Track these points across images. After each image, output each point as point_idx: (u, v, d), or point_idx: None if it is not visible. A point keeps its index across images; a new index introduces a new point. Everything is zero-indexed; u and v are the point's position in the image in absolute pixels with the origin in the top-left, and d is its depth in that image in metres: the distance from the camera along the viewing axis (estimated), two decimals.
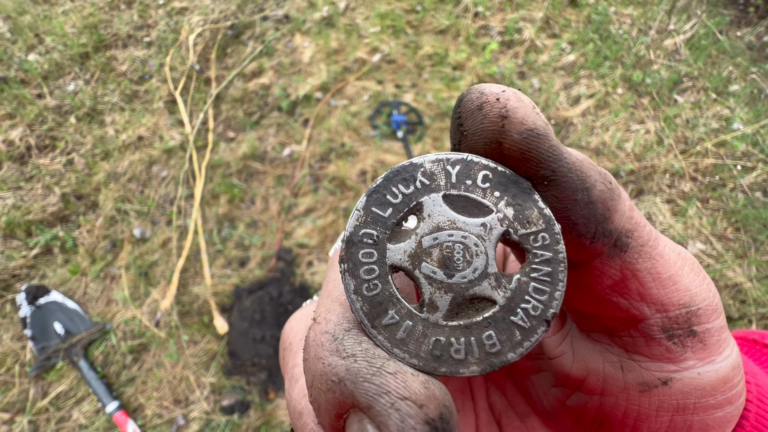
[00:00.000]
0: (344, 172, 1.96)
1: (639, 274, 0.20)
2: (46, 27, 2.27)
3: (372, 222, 0.19)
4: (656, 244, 0.21)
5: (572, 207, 0.19)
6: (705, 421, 0.21)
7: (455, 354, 0.18)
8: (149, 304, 1.68)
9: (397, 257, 0.18)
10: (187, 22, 2.35)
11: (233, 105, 2.14)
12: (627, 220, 0.20)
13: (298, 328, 0.26)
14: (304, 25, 2.36)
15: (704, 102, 2.20)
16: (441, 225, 0.19)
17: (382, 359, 0.16)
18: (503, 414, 0.28)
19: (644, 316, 0.21)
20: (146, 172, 1.95)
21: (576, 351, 0.24)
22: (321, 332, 0.18)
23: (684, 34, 2.42)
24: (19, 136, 1.96)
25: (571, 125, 2.16)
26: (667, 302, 0.20)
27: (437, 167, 0.19)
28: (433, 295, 0.18)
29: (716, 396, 0.21)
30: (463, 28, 2.39)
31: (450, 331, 0.18)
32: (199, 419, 1.52)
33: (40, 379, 1.54)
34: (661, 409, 0.21)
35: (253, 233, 1.84)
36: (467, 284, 0.18)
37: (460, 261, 0.18)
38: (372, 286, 0.18)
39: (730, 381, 0.21)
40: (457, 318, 0.18)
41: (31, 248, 1.73)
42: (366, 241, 0.18)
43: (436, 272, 0.18)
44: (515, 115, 0.18)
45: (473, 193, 0.19)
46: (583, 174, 0.19)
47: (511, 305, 0.18)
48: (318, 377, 0.17)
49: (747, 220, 1.90)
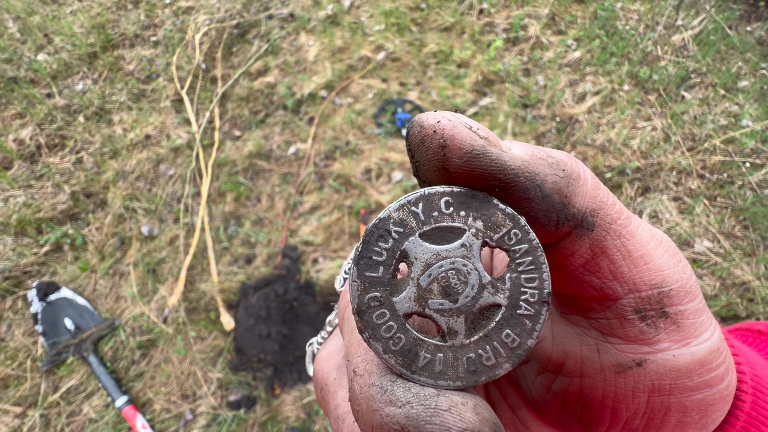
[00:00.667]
0: (349, 170, 1.96)
1: (608, 252, 0.21)
2: (54, 27, 2.30)
3: (371, 286, 0.20)
4: (627, 223, 0.22)
5: (528, 205, 0.20)
6: (683, 402, 0.21)
7: (487, 362, 0.20)
8: (157, 301, 1.70)
9: (406, 306, 0.20)
10: (193, 22, 2.37)
11: (239, 103, 2.15)
12: (590, 200, 0.21)
13: (328, 368, 0.28)
14: (309, 24, 2.37)
15: (712, 98, 2.18)
16: (429, 261, 0.20)
17: (434, 398, 0.18)
18: (497, 406, 0.29)
19: (617, 296, 0.21)
20: (154, 171, 1.97)
21: (555, 335, 0.25)
22: (367, 385, 0.20)
23: (692, 29, 2.39)
24: (30, 135, 2.00)
25: (576, 122, 2.14)
26: (639, 281, 0.21)
27: (404, 213, 0.21)
28: (449, 323, 0.20)
29: (693, 378, 0.21)
30: (467, 26, 2.38)
31: (475, 346, 0.20)
32: (207, 414, 1.54)
33: (51, 374, 1.57)
34: (636, 390, 0.22)
35: (259, 231, 1.85)
36: (472, 301, 0.20)
37: (458, 285, 0.20)
38: (396, 340, 0.20)
39: (708, 364, 0.21)
40: (476, 332, 0.20)
41: (42, 245, 1.76)
42: (374, 305, 0.20)
43: (443, 303, 0.20)
44: (453, 143, 0.19)
45: (443, 221, 0.21)
46: (531, 174, 0.20)
47: (513, 302, 0.20)
48: (378, 428, 0.18)
49: (755, 217, 1.88)
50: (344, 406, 0.24)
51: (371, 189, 1.92)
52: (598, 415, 0.23)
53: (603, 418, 0.23)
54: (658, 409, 0.22)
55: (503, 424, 0.29)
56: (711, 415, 0.22)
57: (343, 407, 0.24)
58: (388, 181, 1.96)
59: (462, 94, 2.18)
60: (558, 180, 0.20)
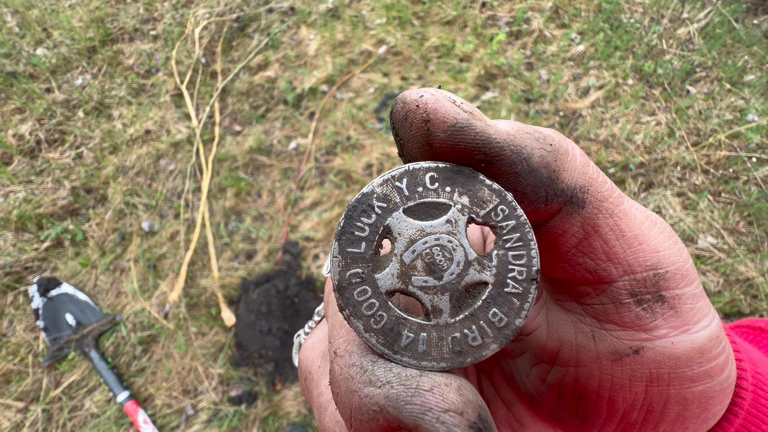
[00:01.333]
0: (350, 165, 1.95)
1: (601, 231, 0.20)
2: (53, 21, 2.29)
3: (352, 262, 0.20)
4: (619, 202, 0.21)
5: (515, 179, 0.20)
6: (682, 394, 0.20)
7: (473, 342, 0.19)
8: (158, 297, 1.70)
9: (389, 282, 0.20)
10: (192, 15, 2.35)
11: (239, 98, 2.14)
12: (580, 176, 0.20)
13: (313, 356, 0.27)
14: (309, 17, 2.34)
15: (718, 92, 2.15)
16: (413, 237, 0.20)
17: (416, 378, 0.17)
18: (491, 402, 0.28)
19: (611, 278, 0.21)
20: (154, 166, 1.96)
21: (550, 323, 0.25)
22: (347, 365, 0.19)
23: (698, 22, 2.36)
24: (29, 131, 1.99)
25: (580, 117, 2.12)
26: (634, 263, 0.20)
27: (387, 188, 0.20)
28: (433, 301, 0.20)
29: (692, 367, 0.20)
30: (470, 19, 2.35)
31: (460, 325, 0.19)
32: (208, 409, 1.55)
33: (53, 369, 1.58)
34: (634, 379, 0.21)
35: (259, 226, 1.84)
36: (457, 278, 0.20)
37: (442, 261, 0.20)
38: (378, 318, 0.19)
39: (708, 353, 0.20)
40: (462, 311, 0.20)
41: (43, 241, 1.76)
42: (355, 282, 0.20)
43: (427, 280, 0.20)
44: (436, 116, 0.19)
45: (428, 197, 0.20)
46: (517, 147, 0.19)
47: (500, 279, 0.20)
48: (357, 409, 0.18)
49: (760, 213, 1.86)
50: (327, 394, 0.23)
51: None
52: (594, 406, 0.22)
53: (599, 410, 0.22)
54: (657, 400, 0.21)
55: (497, 421, 0.28)
56: (711, 408, 0.21)
57: (326, 395, 0.23)
58: None
59: (464, 89, 2.16)
60: (545, 154, 0.20)
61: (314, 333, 0.30)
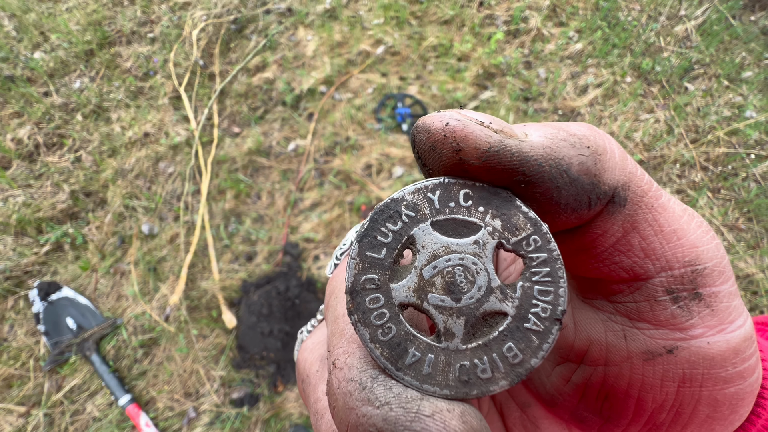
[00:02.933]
0: (349, 165, 1.95)
1: (640, 227, 0.20)
2: (50, 25, 2.28)
3: (370, 267, 0.19)
4: (658, 195, 0.20)
5: (557, 194, 0.19)
6: (714, 396, 0.20)
7: (482, 374, 0.18)
8: (158, 299, 1.70)
9: (403, 295, 0.19)
10: (190, 17, 2.35)
11: (237, 100, 2.14)
12: (620, 173, 0.20)
13: (312, 359, 0.26)
14: (307, 18, 2.34)
15: (716, 89, 2.15)
16: (437, 253, 0.19)
17: (417, 401, 0.17)
18: (504, 405, 0.28)
19: (648, 275, 0.20)
20: (153, 169, 1.96)
21: (577, 322, 0.24)
22: (346, 380, 0.18)
23: (695, 19, 2.36)
24: (28, 135, 1.98)
25: (578, 115, 2.12)
26: (672, 258, 0.19)
27: (418, 197, 0.19)
28: (447, 323, 0.19)
29: (727, 368, 0.19)
30: (468, 18, 2.35)
31: (471, 354, 0.18)
32: (210, 412, 1.55)
33: (54, 373, 1.57)
34: (666, 379, 0.20)
35: (259, 228, 1.84)
36: (476, 304, 0.19)
37: (463, 283, 0.19)
38: (386, 330, 0.18)
39: (743, 353, 0.19)
40: (475, 339, 0.19)
41: (42, 245, 1.76)
42: (369, 287, 0.19)
43: (444, 300, 0.19)
44: (467, 144, 0.18)
45: (459, 213, 0.19)
46: (555, 160, 0.18)
47: (521, 313, 0.18)
48: (354, 428, 0.17)
49: (759, 209, 1.86)
50: (324, 401, 0.23)
51: (372, 185, 1.91)
52: (621, 406, 0.22)
53: (626, 410, 0.21)
54: (688, 402, 0.20)
55: (511, 424, 0.27)
56: (740, 410, 0.20)
57: (323, 402, 0.23)
58: (389, 176, 1.95)
59: (462, 88, 2.16)
60: (584, 159, 0.18)
61: (314, 333, 0.29)
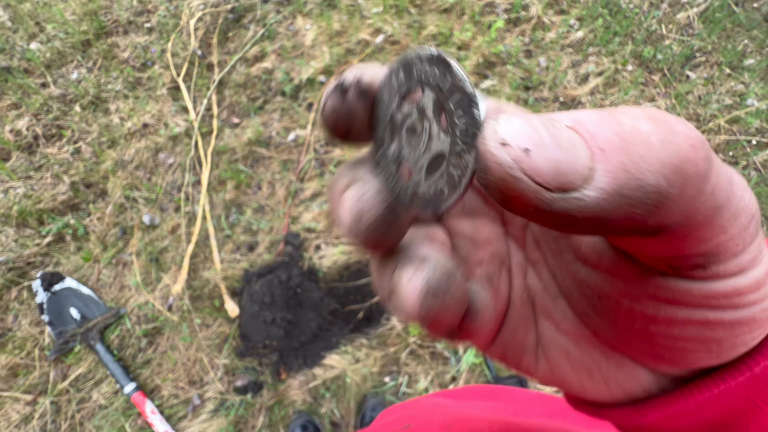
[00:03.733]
0: (350, 155, 1.95)
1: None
2: (46, 15, 2.26)
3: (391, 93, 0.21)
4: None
5: (633, 222, 0.13)
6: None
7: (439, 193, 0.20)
8: (161, 289, 1.71)
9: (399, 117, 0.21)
10: (187, 6, 2.32)
11: (236, 90, 2.12)
12: (705, 246, 0.16)
13: None
14: (305, 7, 2.32)
15: (717, 77, 2.14)
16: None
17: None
18: (537, 294, 0.26)
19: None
20: (153, 160, 1.96)
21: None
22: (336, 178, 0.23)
23: (698, 6, 2.34)
24: (26, 126, 1.98)
25: (579, 104, 2.12)
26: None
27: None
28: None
29: None
30: (468, 6, 2.33)
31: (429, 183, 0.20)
32: (214, 399, 1.57)
33: (60, 362, 1.59)
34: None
35: (260, 218, 1.85)
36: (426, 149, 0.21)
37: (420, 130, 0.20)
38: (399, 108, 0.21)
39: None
40: (432, 175, 0.20)
41: (44, 236, 1.76)
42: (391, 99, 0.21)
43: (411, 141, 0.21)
44: (515, 202, 0.14)
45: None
46: (623, 219, 0.13)
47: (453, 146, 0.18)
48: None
49: (760, 198, 1.87)
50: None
51: None
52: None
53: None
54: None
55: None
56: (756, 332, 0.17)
57: None
58: None
59: None
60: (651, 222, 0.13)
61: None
